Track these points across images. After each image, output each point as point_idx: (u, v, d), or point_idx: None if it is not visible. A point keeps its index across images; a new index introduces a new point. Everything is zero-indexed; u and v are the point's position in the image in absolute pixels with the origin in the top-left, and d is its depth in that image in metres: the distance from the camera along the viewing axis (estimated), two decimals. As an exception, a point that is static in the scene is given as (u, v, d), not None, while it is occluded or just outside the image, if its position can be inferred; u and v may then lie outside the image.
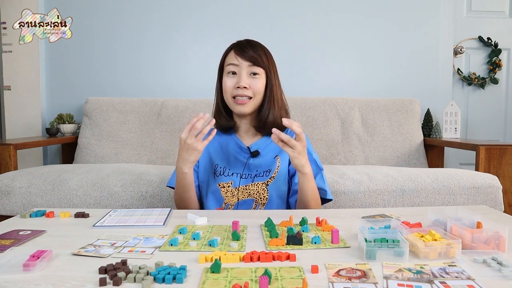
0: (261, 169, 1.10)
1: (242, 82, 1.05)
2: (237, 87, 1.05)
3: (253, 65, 1.06)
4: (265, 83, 1.08)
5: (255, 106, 1.09)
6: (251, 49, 1.06)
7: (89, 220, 0.86)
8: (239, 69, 1.06)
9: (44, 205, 1.40)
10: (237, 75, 1.07)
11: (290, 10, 2.40)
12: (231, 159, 1.12)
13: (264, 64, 1.07)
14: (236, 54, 1.07)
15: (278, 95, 1.11)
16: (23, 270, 0.55)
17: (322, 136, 2.12)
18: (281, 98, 1.12)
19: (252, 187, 1.08)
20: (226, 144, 1.14)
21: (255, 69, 1.06)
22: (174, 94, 2.36)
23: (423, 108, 2.35)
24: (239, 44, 1.10)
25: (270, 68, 1.09)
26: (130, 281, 0.52)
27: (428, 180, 1.45)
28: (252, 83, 1.06)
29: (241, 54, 1.06)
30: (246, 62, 1.06)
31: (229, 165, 1.11)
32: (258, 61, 1.06)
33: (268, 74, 1.08)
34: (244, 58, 1.06)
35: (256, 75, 1.07)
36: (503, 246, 0.63)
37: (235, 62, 1.06)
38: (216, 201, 1.10)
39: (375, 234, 0.66)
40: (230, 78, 1.07)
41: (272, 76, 1.09)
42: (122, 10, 2.37)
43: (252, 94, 1.07)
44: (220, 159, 1.13)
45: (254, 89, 1.06)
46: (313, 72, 2.42)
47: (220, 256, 0.60)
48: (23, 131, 2.32)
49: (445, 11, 2.44)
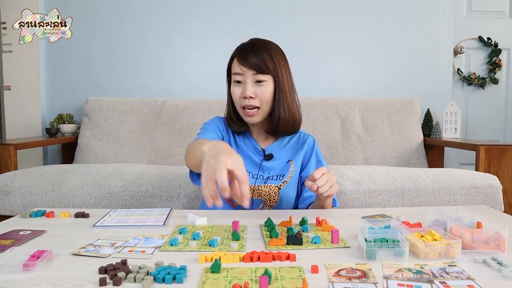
0: (274, 172, 1.09)
1: (247, 91, 1.00)
2: (243, 97, 1.02)
3: (257, 73, 1.00)
4: (273, 88, 1.03)
5: (264, 114, 1.05)
6: (254, 55, 1.00)
7: (89, 220, 0.86)
8: (244, 78, 1.02)
9: (44, 205, 1.40)
10: (242, 84, 1.02)
11: (290, 10, 2.40)
12: (245, 158, 1.12)
13: (269, 70, 1.01)
14: (239, 63, 1.01)
15: (288, 98, 1.05)
16: (23, 270, 0.55)
17: (322, 136, 2.12)
18: (293, 100, 1.07)
19: (264, 188, 1.08)
20: (242, 143, 1.13)
21: (260, 77, 1.01)
22: (174, 94, 2.36)
23: (423, 108, 2.35)
24: (242, 49, 1.03)
25: (277, 71, 1.02)
26: (130, 281, 0.52)
27: (428, 180, 1.45)
28: (258, 92, 1.01)
29: (244, 62, 1.00)
30: (250, 71, 1.00)
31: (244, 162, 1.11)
32: (262, 68, 1.00)
33: (276, 78, 1.02)
34: (247, 67, 1.00)
35: (261, 83, 1.01)
36: (503, 246, 0.63)
37: (239, 71, 1.01)
38: None
39: (375, 234, 0.66)
40: (237, 87, 1.03)
41: (282, 79, 1.03)
42: (122, 10, 2.37)
43: (259, 103, 1.02)
44: (238, 152, 1.12)
45: (260, 98, 1.01)
46: (313, 72, 2.42)
47: (220, 256, 0.60)
48: (23, 131, 2.32)
49: (445, 11, 2.44)
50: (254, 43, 1.04)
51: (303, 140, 1.14)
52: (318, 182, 0.87)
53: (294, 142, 1.15)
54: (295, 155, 1.12)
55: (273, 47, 1.05)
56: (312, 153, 1.13)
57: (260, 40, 1.06)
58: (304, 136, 1.16)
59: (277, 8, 2.39)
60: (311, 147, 1.14)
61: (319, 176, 0.88)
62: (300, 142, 1.14)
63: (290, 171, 1.10)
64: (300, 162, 1.12)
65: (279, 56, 1.04)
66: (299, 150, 1.12)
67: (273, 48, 1.04)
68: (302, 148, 1.13)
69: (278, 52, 1.05)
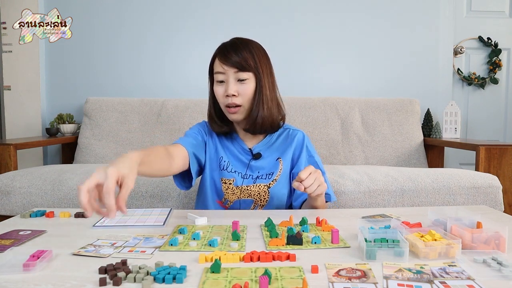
0: (263, 171, 1.09)
1: (230, 90, 1.01)
2: (226, 95, 1.02)
3: (239, 71, 1.01)
4: (254, 86, 1.04)
5: (246, 111, 1.06)
6: (235, 54, 1.01)
7: (89, 220, 0.86)
8: (226, 76, 1.02)
9: (44, 205, 1.40)
10: (225, 82, 1.03)
11: (290, 10, 2.39)
12: (233, 158, 1.12)
13: (251, 67, 1.01)
14: (220, 62, 1.02)
15: (268, 95, 1.05)
16: (23, 270, 0.55)
17: (322, 136, 2.12)
18: (272, 98, 1.08)
19: (253, 188, 1.08)
20: (230, 144, 1.13)
21: (241, 75, 1.01)
22: (174, 94, 2.35)
23: (423, 108, 2.35)
24: (223, 49, 1.04)
25: (258, 69, 1.03)
26: (130, 281, 0.52)
27: (428, 180, 1.45)
28: (240, 89, 1.02)
29: (225, 61, 1.01)
30: (231, 69, 1.01)
31: (232, 163, 1.12)
32: (243, 66, 1.01)
33: (257, 75, 1.03)
34: (228, 65, 1.01)
35: (244, 81, 1.02)
36: (503, 246, 0.63)
37: (221, 70, 1.02)
38: (217, 193, 1.10)
39: (375, 234, 0.66)
40: (220, 86, 1.04)
41: (263, 76, 1.04)
42: (122, 10, 2.37)
43: (241, 101, 1.03)
44: (224, 154, 1.13)
45: (243, 96, 1.02)
46: (313, 72, 2.42)
47: (220, 256, 0.60)
48: (23, 131, 2.32)
49: (445, 11, 2.44)
50: (235, 42, 1.05)
51: (292, 136, 1.14)
52: (305, 183, 0.87)
53: (283, 139, 1.14)
54: (284, 152, 1.11)
55: (254, 45, 1.06)
56: (302, 149, 1.12)
57: (241, 39, 1.07)
58: (293, 132, 1.15)
59: (277, 8, 2.39)
60: (301, 143, 1.13)
61: (306, 176, 0.87)
62: (289, 139, 1.13)
63: (279, 169, 1.09)
64: (289, 159, 1.11)
65: (260, 54, 1.05)
66: (288, 147, 1.12)
67: (254, 46, 1.05)
68: (291, 145, 1.12)
69: (259, 50, 1.06)
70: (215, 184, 1.11)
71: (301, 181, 0.87)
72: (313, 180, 0.88)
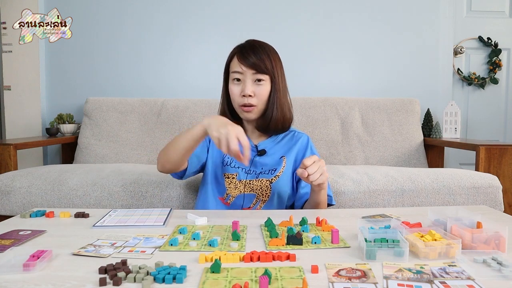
0: (267, 168, 1.11)
1: (247, 90, 1.04)
2: (243, 95, 1.06)
3: (257, 72, 1.05)
4: (270, 88, 1.08)
5: (260, 112, 1.09)
6: (254, 55, 1.05)
7: (89, 220, 0.86)
8: (244, 76, 1.06)
9: (44, 205, 1.40)
10: (241, 82, 1.06)
11: (290, 10, 2.40)
12: None
13: (268, 70, 1.05)
14: (239, 62, 1.05)
15: (282, 98, 1.10)
16: (23, 270, 0.55)
17: (322, 136, 2.12)
18: (285, 101, 1.12)
19: (256, 182, 1.10)
20: None
21: (259, 76, 1.05)
22: (174, 94, 2.35)
23: (423, 108, 2.35)
24: (242, 49, 1.07)
25: (274, 72, 1.07)
26: (130, 281, 0.52)
27: (428, 180, 1.45)
28: (257, 91, 1.06)
29: (244, 61, 1.05)
30: (250, 70, 1.05)
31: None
32: (261, 68, 1.04)
33: (273, 79, 1.07)
34: (247, 66, 1.04)
35: (260, 82, 1.06)
36: (503, 246, 0.63)
37: (239, 70, 1.05)
38: (218, 190, 1.12)
39: (375, 234, 0.66)
40: (236, 85, 1.07)
41: (277, 80, 1.08)
42: (122, 10, 2.37)
43: (257, 102, 1.07)
44: None
45: (258, 97, 1.06)
46: (313, 72, 2.42)
47: (220, 256, 0.60)
48: (23, 131, 2.32)
49: (445, 11, 2.44)
50: (254, 44, 1.09)
51: (296, 138, 1.17)
52: (309, 170, 0.89)
53: (288, 140, 1.17)
54: (288, 151, 1.14)
55: (270, 48, 1.11)
56: (306, 151, 1.15)
57: (258, 41, 1.12)
58: (298, 135, 1.18)
59: (277, 8, 2.39)
60: (305, 145, 1.16)
61: (310, 163, 0.89)
62: (294, 140, 1.17)
63: (283, 166, 1.11)
64: (293, 159, 1.14)
65: (276, 58, 1.10)
66: (292, 148, 1.15)
67: (271, 50, 1.10)
68: (295, 146, 1.15)
69: (275, 54, 1.11)
70: (217, 181, 1.12)
71: (305, 168, 0.89)
72: (317, 167, 0.90)
